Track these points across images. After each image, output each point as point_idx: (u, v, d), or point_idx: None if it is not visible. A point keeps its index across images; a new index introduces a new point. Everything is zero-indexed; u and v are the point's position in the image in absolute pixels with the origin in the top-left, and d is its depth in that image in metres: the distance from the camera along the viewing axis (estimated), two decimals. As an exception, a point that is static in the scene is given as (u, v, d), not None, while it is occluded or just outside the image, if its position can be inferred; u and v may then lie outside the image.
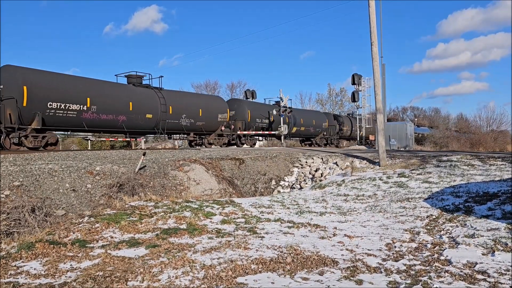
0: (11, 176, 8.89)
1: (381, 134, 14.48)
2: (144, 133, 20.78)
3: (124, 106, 18.61)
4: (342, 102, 63.73)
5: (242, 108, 27.46)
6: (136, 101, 19.28)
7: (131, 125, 18.99)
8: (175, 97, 21.85)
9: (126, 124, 18.70)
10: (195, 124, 22.47)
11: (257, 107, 29.80)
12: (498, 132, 42.09)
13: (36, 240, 6.20)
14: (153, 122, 20.08)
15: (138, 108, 19.27)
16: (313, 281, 4.59)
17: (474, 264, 4.95)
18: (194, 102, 22.95)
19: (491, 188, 9.06)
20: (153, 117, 20.03)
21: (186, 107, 22.05)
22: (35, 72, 15.91)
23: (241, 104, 27.95)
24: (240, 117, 26.86)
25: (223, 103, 25.63)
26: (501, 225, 6.51)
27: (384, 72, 30.25)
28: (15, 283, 4.64)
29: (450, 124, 72.72)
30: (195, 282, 4.58)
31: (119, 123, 18.40)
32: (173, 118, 21.14)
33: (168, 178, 11.49)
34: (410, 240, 6.33)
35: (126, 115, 18.71)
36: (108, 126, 18.10)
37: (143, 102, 19.63)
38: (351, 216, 8.33)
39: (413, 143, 31.80)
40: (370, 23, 14.45)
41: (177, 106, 21.35)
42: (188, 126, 22.11)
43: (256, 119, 28.06)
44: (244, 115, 27.04)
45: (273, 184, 14.33)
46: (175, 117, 21.22)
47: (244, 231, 6.96)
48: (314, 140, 36.26)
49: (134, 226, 7.10)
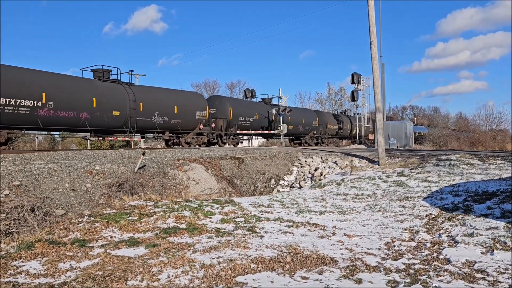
0: (10, 176, 8.89)
1: (380, 133, 14.48)
2: (111, 131, 19.21)
3: (86, 103, 17.03)
4: (341, 101, 63.81)
5: (223, 106, 25.77)
6: (101, 97, 17.66)
7: (95, 123, 17.48)
8: (147, 93, 20.20)
9: (90, 122, 17.22)
10: (170, 122, 20.91)
11: (241, 104, 28.19)
12: (498, 131, 42.06)
13: (36, 239, 6.19)
14: (121, 120, 18.52)
15: (103, 104, 17.67)
16: (312, 280, 4.60)
17: (473, 263, 4.96)
18: (169, 99, 21.27)
19: (490, 187, 9.07)
20: (121, 115, 18.45)
21: (159, 103, 20.48)
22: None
23: (223, 101, 26.29)
24: (221, 114, 25.22)
25: (202, 99, 23.89)
26: (500, 224, 6.52)
27: (384, 71, 30.24)
28: (14, 282, 4.64)
29: (450, 123, 72.76)
30: (194, 282, 4.58)
31: (81, 121, 16.85)
32: (144, 115, 19.55)
33: (168, 177, 11.49)
34: (410, 239, 6.33)
35: (89, 112, 17.17)
36: (68, 124, 16.70)
37: (109, 98, 18.06)
38: (350, 215, 8.34)
39: (412, 142, 31.81)
40: (370, 22, 14.45)
41: (148, 103, 19.78)
42: (162, 124, 20.53)
43: (239, 117, 26.23)
44: (225, 113, 25.33)
45: (273, 184, 14.34)
46: (146, 115, 19.62)
47: (243, 230, 6.97)
48: (303, 139, 34.84)
49: (133, 226, 7.10)
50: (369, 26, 14.45)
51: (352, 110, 49.17)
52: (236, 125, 25.71)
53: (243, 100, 30.03)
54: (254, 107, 29.03)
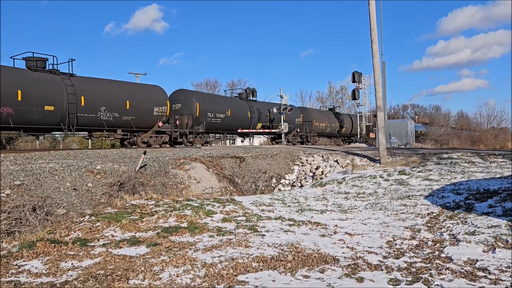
0: (12, 175, 8.90)
1: (381, 132, 14.47)
2: (45, 129, 16.66)
3: (8, 96, 14.41)
4: (342, 100, 63.73)
5: (189, 100, 22.90)
6: (29, 89, 15.06)
7: (21, 120, 14.89)
8: (91, 85, 17.40)
9: (14, 118, 14.59)
10: (121, 119, 18.28)
11: (210, 99, 25.27)
12: (499, 129, 41.97)
13: (37, 239, 6.20)
14: (56, 116, 15.88)
15: (32, 98, 15.05)
16: (314, 279, 4.60)
17: (475, 261, 4.95)
18: (119, 92, 18.45)
19: (492, 185, 9.06)
20: (56, 110, 15.79)
21: (107, 97, 17.70)
22: None
23: (188, 96, 23.26)
24: (187, 111, 22.35)
25: (161, 94, 20.87)
26: (501, 222, 6.51)
27: (384, 70, 30.17)
28: (16, 282, 4.65)
29: (451, 122, 72.66)
30: (196, 281, 4.58)
31: (3, 117, 14.28)
32: (88, 111, 16.84)
33: (169, 176, 11.50)
34: (411, 237, 6.33)
35: (13, 107, 14.57)
36: (-19, 120, 14.17)
37: (40, 91, 15.38)
38: (351, 214, 8.33)
39: (413, 141, 31.78)
40: (370, 20, 14.42)
41: (93, 97, 17.04)
42: (111, 122, 17.89)
43: (207, 114, 23.26)
44: (191, 109, 22.42)
45: (274, 182, 14.34)
46: (90, 110, 16.92)
47: (245, 229, 6.97)
48: (287, 138, 31.90)
49: (135, 225, 7.10)
50: (370, 24, 14.43)
51: (353, 109, 48.80)
52: (204, 122, 22.81)
53: (213, 94, 27.47)
54: (227, 102, 26.04)
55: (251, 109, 27.53)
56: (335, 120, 38.55)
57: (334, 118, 38.62)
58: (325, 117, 37.19)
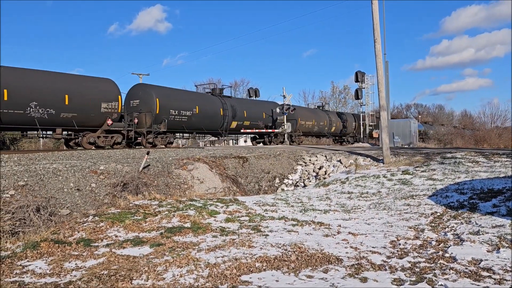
0: (15, 176, 8.93)
1: (384, 132, 14.43)
2: None
3: None
4: (345, 100, 63.61)
5: (148, 96, 20.35)
6: None
7: None
8: (18, 77, 14.96)
9: None
10: (59, 117, 15.86)
11: (173, 94, 22.12)
12: (503, 128, 41.80)
13: (41, 239, 6.22)
14: None
15: None
16: (317, 279, 4.59)
17: (479, 261, 4.93)
18: (54, 85, 15.95)
19: (496, 185, 9.01)
20: None
21: (39, 91, 15.25)
22: None
23: (147, 90, 20.63)
24: (146, 107, 19.99)
25: (112, 87, 18.21)
26: (506, 222, 6.48)
27: (387, 69, 30.16)
28: (20, 282, 4.66)
29: (454, 121, 72.44)
30: (199, 281, 4.58)
31: None
32: (13, 106, 14.49)
33: (172, 177, 11.51)
34: (415, 237, 6.31)
35: None
36: None
37: None
38: (355, 213, 8.32)
39: (417, 140, 31.68)
40: (373, 20, 14.39)
41: (20, 90, 14.71)
42: (46, 119, 15.50)
43: (170, 111, 20.82)
44: (150, 105, 20.04)
45: (277, 182, 14.33)
46: (16, 106, 14.55)
47: (248, 229, 6.96)
48: (268, 138, 29.87)
49: (138, 225, 7.11)
50: (373, 24, 14.39)
51: (356, 109, 48.48)
52: (166, 120, 20.41)
53: (177, 89, 23.81)
54: (194, 98, 23.25)
55: (224, 106, 24.88)
56: (324, 119, 36.04)
57: (323, 117, 36.10)
58: (312, 115, 34.49)
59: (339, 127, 38.64)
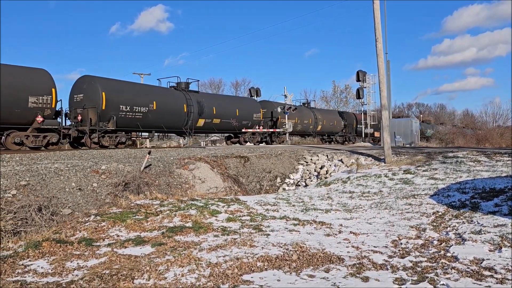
0: (17, 176, 8.94)
1: (386, 131, 14.42)
2: None
3: None
4: (347, 99, 63.56)
5: (93, 89, 17.87)
6: None
7: None
8: None
9: None
10: None
11: (125, 88, 19.39)
12: (504, 127, 41.76)
13: (43, 239, 6.23)
14: None
15: None
16: (319, 278, 4.58)
17: (481, 261, 4.92)
18: None
19: (498, 184, 9.00)
20: None
21: None
22: None
23: (92, 83, 18.08)
24: (90, 103, 17.67)
25: (42, 78, 15.83)
26: (508, 221, 6.47)
27: (389, 69, 30.10)
28: (22, 281, 4.67)
29: (456, 120, 72.34)
30: (201, 280, 4.58)
31: None
32: None
33: (174, 176, 11.52)
34: (416, 236, 6.30)
35: None
36: None
37: None
38: (356, 213, 8.31)
39: (418, 140, 31.63)
40: (375, 19, 14.37)
41: None
42: None
43: (120, 107, 18.36)
44: (96, 100, 17.59)
45: (278, 182, 14.33)
46: None
47: (249, 228, 6.96)
48: (243, 137, 27.01)
49: (140, 225, 7.12)
50: (374, 23, 14.37)
51: (357, 108, 48.26)
52: (114, 117, 17.96)
53: (129, 82, 20.74)
54: (150, 93, 20.56)
55: (189, 102, 22.33)
56: (309, 117, 33.47)
57: (307, 114, 33.59)
58: (295, 112, 31.69)
59: (326, 126, 36.06)
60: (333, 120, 37.28)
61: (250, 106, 27.80)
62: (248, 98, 30.64)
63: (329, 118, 36.76)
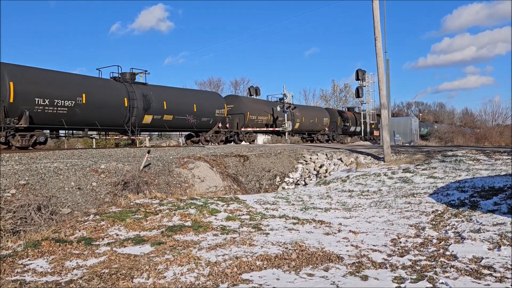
0: (17, 175, 8.94)
1: (385, 130, 14.42)
2: None
3: None
4: (346, 98, 63.55)
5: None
6: None
7: None
8: None
9: None
10: None
11: (43, 77, 16.17)
12: (504, 126, 41.81)
13: (42, 238, 6.23)
14: None
15: None
16: (318, 277, 4.59)
17: (480, 259, 4.93)
18: None
19: (497, 183, 9.00)
20: None
21: None
22: None
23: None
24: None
25: None
26: (507, 220, 6.47)
27: (388, 67, 30.12)
28: (21, 281, 4.67)
29: (455, 119, 72.40)
30: (200, 279, 4.58)
31: None
32: None
33: (173, 175, 11.51)
34: (416, 235, 6.30)
35: None
36: None
37: None
38: (356, 212, 8.31)
39: (418, 138, 31.67)
40: (374, 18, 14.36)
41: None
42: None
43: (36, 100, 15.34)
44: (2, 92, 14.59)
45: (278, 181, 14.33)
46: None
47: (249, 227, 6.97)
48: (203, 136, 23.58)
49: (139, 224, 7.12)
50: (373, 22, 14.36)
51: (357, 107, 48.08)
52: (27, 112, 14.93)
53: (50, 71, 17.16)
54: (79, 84, 17.43)
55: (132, 95, 19.01)
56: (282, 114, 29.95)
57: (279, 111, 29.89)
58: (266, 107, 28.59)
59: (306, 124, 32.37)
60: (314, 118, 33.64)
61: (212, 101, 23.92)
62: (209, 92, 26.68)
63: (309, 115, 33.07)
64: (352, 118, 39.30)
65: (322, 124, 34.48)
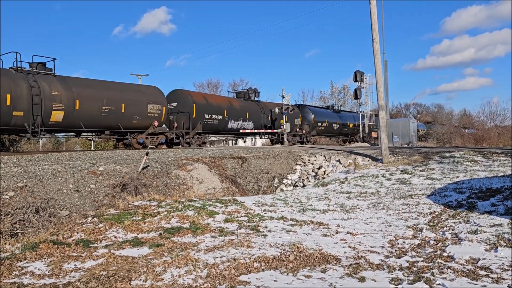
0: (15, 177, 8.93)
1: (383, 131, 14.44)
2: None
3: None
4: (344, 100, 63.58)
5: None
6: None
7: None
8: None
9: None
10: None
11: None
12: (502, 127, 41.85)
13: (40, 240, 6.23)
14: None
15: None
16: (315, 278, 4.60)
17: (477, 260, 4.94)
18: None
19: (494, 184, 9.03)
20: None
21: None
22: None
23: None
24: None
25: None
26: (504, 221, 6.49)
27: (386, 69, 30.18)
28: (19, 283, 4.67)
29: (454, 120, 72.48)
30: (198, 281, 4.59)
31: None
32: None
33: (171, 177, 11.51)
34: (413, 236, 6.32)
35: None
36: None
37: None
38: (354, 213, 8.33)
39: (416, 140, 31.71)
40: (371, 19, 14.40)
41: None
42: None
43: None
44: None
45: (276, 182, 14.34)
46: None
47: (247, 229, 6.97)
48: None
49: (137, 226, 7.12)
50: (371, 23, 14.40)
51: (355, 108, 48.02)
52: None
53: None
54: None
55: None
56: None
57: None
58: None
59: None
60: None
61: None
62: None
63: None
64: None
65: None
